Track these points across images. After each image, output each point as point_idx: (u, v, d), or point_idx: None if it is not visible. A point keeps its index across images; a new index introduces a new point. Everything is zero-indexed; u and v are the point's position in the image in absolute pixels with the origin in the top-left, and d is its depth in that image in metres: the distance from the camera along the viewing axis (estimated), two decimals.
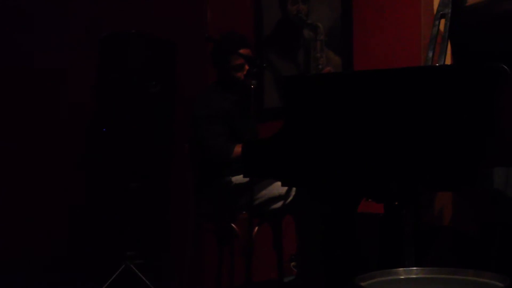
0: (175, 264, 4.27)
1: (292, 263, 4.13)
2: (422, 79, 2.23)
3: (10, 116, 4.14)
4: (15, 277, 3.94)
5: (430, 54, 2.49)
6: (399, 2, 4.04)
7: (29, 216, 4.12)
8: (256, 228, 3.47)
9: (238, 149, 3.44)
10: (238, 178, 3.47)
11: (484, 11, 2.58)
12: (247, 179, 3.07)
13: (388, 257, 2.96)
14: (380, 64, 3.77)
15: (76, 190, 4.35)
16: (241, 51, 3.58)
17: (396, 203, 2.78)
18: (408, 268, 2.09)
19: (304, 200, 2.93)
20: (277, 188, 3.40)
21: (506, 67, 2.14)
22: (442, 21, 2.52)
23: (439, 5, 2.59)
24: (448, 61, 2.70)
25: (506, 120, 2.23)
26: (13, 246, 4.04)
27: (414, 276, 2.04)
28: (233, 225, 3.52)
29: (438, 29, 2.51)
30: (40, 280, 4.01)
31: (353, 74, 3.13)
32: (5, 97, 4.12)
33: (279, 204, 3.46)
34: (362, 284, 1.93)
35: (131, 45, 4.25)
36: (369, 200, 2.83)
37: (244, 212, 3.48)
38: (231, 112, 3.63)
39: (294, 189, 3.36)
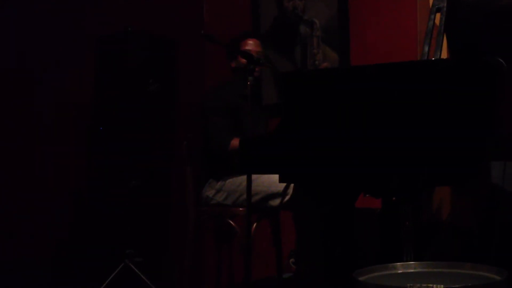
0: (174, 262, 4.28)
1: (291, 260, 4.13)
2: (419, 73, 2.23)
3: (9, 116, 4.14)
4: (15, 276, 3.94)
5: (426, 49, 2.48)
6: None
7: (29, 215, 4.12)
8: (255, 225, 3.47)
9: (235, 142, 3.45)
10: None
11: (479, 5, 2.58)
12: None
13: (387, 252, 2.96)
14: (377, 59, 3.73)
15: (76, 189, 4.35)
16: (248, 40, 3.75)
17: (394, 198, 2.78)
18: (405, 263, 2.09)
19: (302, 197, 2.93)
20: (275, 185, 3.40)
21: (502, 61, 2.15)
22: (438, 15, 2.52)
23: None
24: (444, 55, 2.70)
25: (502, 114, 2.23)
26: (13, 245, 4.04)
27: (411, 271, 2.05)
28: (231, 222, 3.52)
29: (434, 23, 2.51)
30: (40, 279, 4.01)
31: (350, 69, 3.13)
32: (3, 97, 4.12)
33: (277, 201, 3.46)
34: (360, 278, 1.93)
35: (130, 44, 4.24)
36: (367, 195, 2.84)
37: (241, 208, 3.48)
38: (238, 106, 3.64)
39: (291, 186, 3.36)
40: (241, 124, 3.62)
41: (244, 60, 3.61)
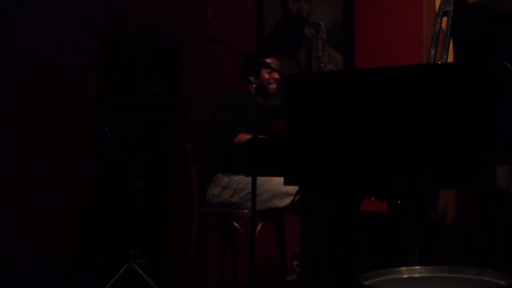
0: (178, 264, 4.28)
1: (295, 262, 4.13)
2: (425, 76, 2.22)
3: (11, 116, 4.14)
4: (17, 277, 3.95)
5: (432, 52, 2.48)
6: (400, 0, 4.04)
7: (31, 216, 4.12)
8: (259, 226, 3.47)
9: (241, 136, 3.46)
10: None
11: (485, 8, 2.58)
12: None
13: (391, 255, 2.96)
14: (382, 62, 3.76)
15: (79, 189, 4.36)
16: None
17: (399, 201, 2.78)
18: (411, 267, 2.09)
19: (307, 200, 2.93)
20: (283, 185, 3.40)
21: (508, 65, 2.14)
22: (444, 19, 2.52)
23: (441, 3, 2.59)
24: (450, 59, 2.70)
25: (508, 117, 2.23)
26: (15, 246, 4.05)
27: (417, 275, 2.04)
28: (236, 224, 3.52)
29: (440, 27, 2.51)
30: (43, 280, 4.01)
31: (355, 72, 3.13)
32: (5, 97, 4.12)
33: (284, 201, 3.46)
34: (365, 283, 1.93)
35: (133, 44, 4.23)
36: (372, 198, 2.83)
37: (246, 210, 3.48)
38: (249, 112, 3.65)
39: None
40: (248, 129, 3.63)
41: (266, 76, 3.77)
